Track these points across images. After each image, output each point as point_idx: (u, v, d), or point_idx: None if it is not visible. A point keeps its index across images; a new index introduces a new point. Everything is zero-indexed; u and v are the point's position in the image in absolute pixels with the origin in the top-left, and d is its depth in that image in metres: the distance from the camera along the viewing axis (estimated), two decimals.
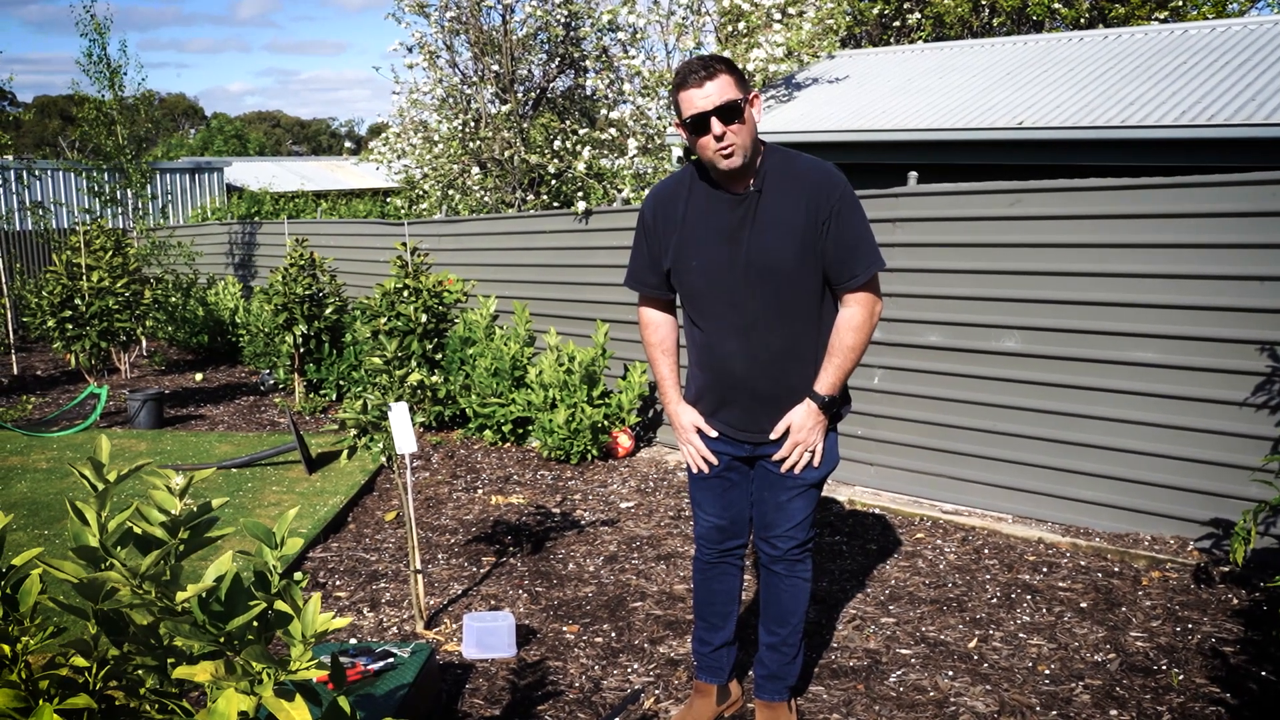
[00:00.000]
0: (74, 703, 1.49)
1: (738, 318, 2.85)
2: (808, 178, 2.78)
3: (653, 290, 3.06)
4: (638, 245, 3.05)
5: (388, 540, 5.21)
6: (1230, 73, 7.69)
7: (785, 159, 2.84)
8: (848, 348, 2.84)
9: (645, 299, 3.13)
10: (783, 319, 2.84)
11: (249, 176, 23.01)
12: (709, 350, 2.94)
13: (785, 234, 2.76)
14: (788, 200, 2.77)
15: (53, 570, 1.57)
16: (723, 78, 2.68)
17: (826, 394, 2.87)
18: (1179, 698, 3.42)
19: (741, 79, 2.76)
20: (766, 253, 2.77)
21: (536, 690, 3.58)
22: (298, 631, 1.46)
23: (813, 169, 2.81)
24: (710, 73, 2.68)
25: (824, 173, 2.80)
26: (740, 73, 2.76)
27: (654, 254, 2.99)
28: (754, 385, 2.90)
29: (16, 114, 12.98)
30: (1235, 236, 4.58)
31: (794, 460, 2.92)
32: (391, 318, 6.08)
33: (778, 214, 2.78)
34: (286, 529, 1.57)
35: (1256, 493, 4.57)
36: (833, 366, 2.86)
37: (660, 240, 2.95)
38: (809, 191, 2.76)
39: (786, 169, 2.81)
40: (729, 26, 10.57)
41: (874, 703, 3.44)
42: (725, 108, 2.66)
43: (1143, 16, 13.78)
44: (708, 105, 2.67)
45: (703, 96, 2.67)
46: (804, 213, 2.76)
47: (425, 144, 11.39)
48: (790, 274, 2.79)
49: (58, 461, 6.86)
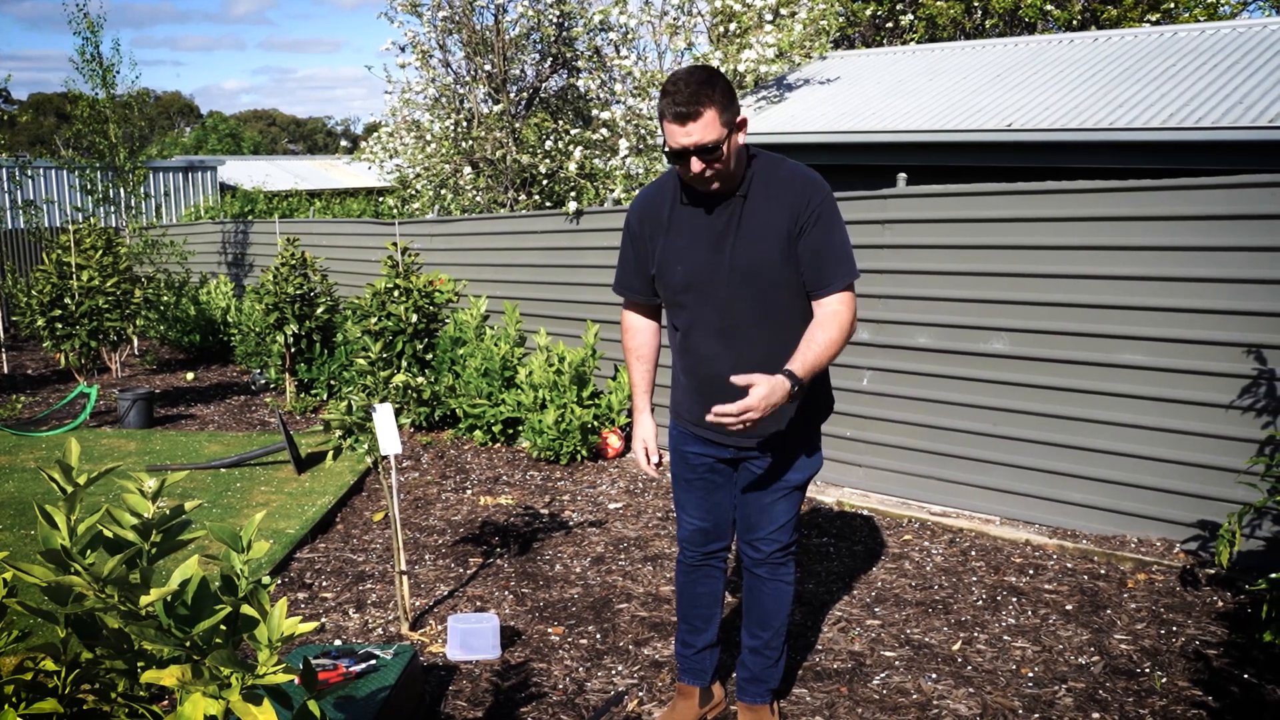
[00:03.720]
0: (40, 707, 1.49)
1: (721, 321, 2.85)
2: (791, 184, 2.77)
3: (638, 295, 3.05)
4: (624, 251, 3.04)
5: (375, 541, 5.20)
6: (1219, 75, 7.71)
7: (771, 164, 2.82)
8: (824, 341, 2.69)
9: (630, 304, 3.13)
10: (766, 323, 2.83)
11: (242, 175, 22.96)
12: (693, 354, 2.94)
13: (769, 238, 2.76)
14: (772, 205, 2.76)
15: (21, 574, 1.57)
16: (707, 115, 2.59)
17: (797, 371, 2.63)
18: (1161, 700, 3.43)
19: (728, 102, 2.65)
20: (751, 257, 2.77)
21: (520, 692, 3.57)
22: (264, 636, 1.46)
23: (796, 175, 2.79)
24: (692, 111, 2.58)
25: (806, 179, 2.78)
26: (728, 94, 2.66)
27: (640, 259, 2.98)
28: (737, 388, 2.83)
29: (12, 112, 12.93)
30: (1224, 239, 4.58)
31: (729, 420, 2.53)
32: (382, 318, 6.07)
33: (762, 219, 2.76)
34: (254, 532, 1.56)
35: (1242, 495, 4.58)
36: (810, 352, 2.67)
37: (646, 245, 2.95)
38: (792, 196, 2.75)
39: (771, 174, 2.79)
40: (721, 27, 10.56)
41: (857, 705, 3.44)
42: (706, 148, 2.62)
43: (1134, 19, 13.80)
44: (688, 143, 2.62)
45: (684, 134, 2.61)
46: (786, 217, 2.75)
47: (418, 143, 11.37)
48: (774, 278, 2.78)
49: (46, 461, 6.84)
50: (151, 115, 15.44)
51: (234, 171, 23.56)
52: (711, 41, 10.89)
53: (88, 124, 11.88)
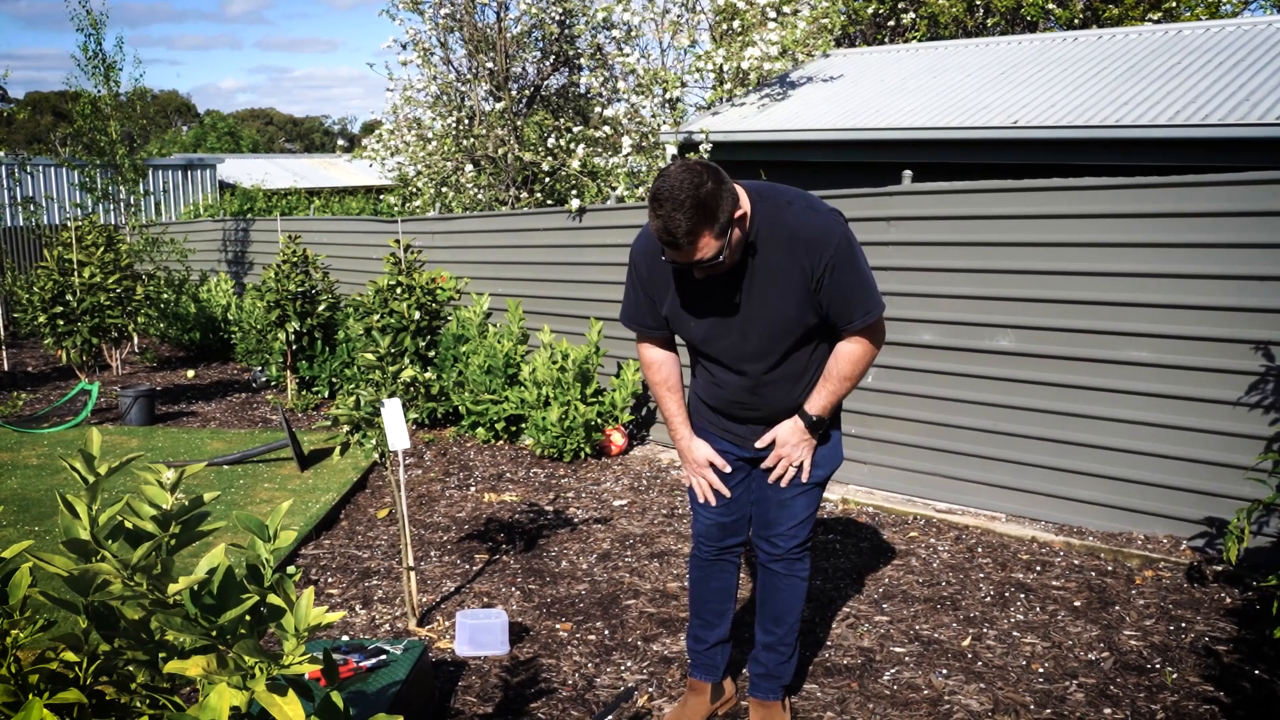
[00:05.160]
0: (64, 697, 1.48)
1: (738, 361, 2.87)
2: (800, 235, 2.67)
3: (652, 331, 3.01)
4: (633, 289, 2.97)
5: (380, 537, 5.19)
6: (1224, 73, 7.70)
7: (774, 209, 2.70)
8: (843, 376, 2.84)
9: (644, 337, 3.06)
10: (782, 359, 2.85)
11: (241, 173, 22.92)
12: (712, 381, 2.99)
13: (782, 292, 2.72)
14: (781, 258, 2.69)
15: (43, 564, 1.56)
16: (701, 243, 2.50)
17: (815, 414, 2.89)
18: (1173, 696, 3.42)
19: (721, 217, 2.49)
20: (765, 310, 2.75)
21: (529, 688, 3.56)
22: (290, 625, 1.45)
23: (804, 224, 2.68)
24: (684, 246, 2.51)
25: (815, 232, 2.67)
26: (717, 210, 2.47)
27: (650, 300, 2.93)
28: (756, 412, 2.96)
29: (10, 110, 12.89)
30: (1230, 236, 4.58)
31: (779, 473, 2.96)
32: (385, 315, 6.06)
33: (772, 271, 2.71)
34: (280, 522, 1.55)
35: (1250, 491, 4.57)
36: (826, 391, 2.87)
37: (655, 289, 2.90)
38: (803, 249, 2.67)
39: (776, 222, 2.69)
40: (723, 25, 10.55)
41: (868, 701, 3.44)
42: (705, 262, 2.56)
43: (1136, 17, 13.81)
44: (684, 262, 2.58)
45: (679, 257, 2.57)
46: (798, 271, 2.68)
47: (419, 141, 11.35)
48: (789, 325, 2.77)
49: (48, 458, 6.83)
50: (151, 113, 15.40)
51: (233, 169, 23.52)
52: (714, 39, 10.88)
53: (89, 121, 11.85)
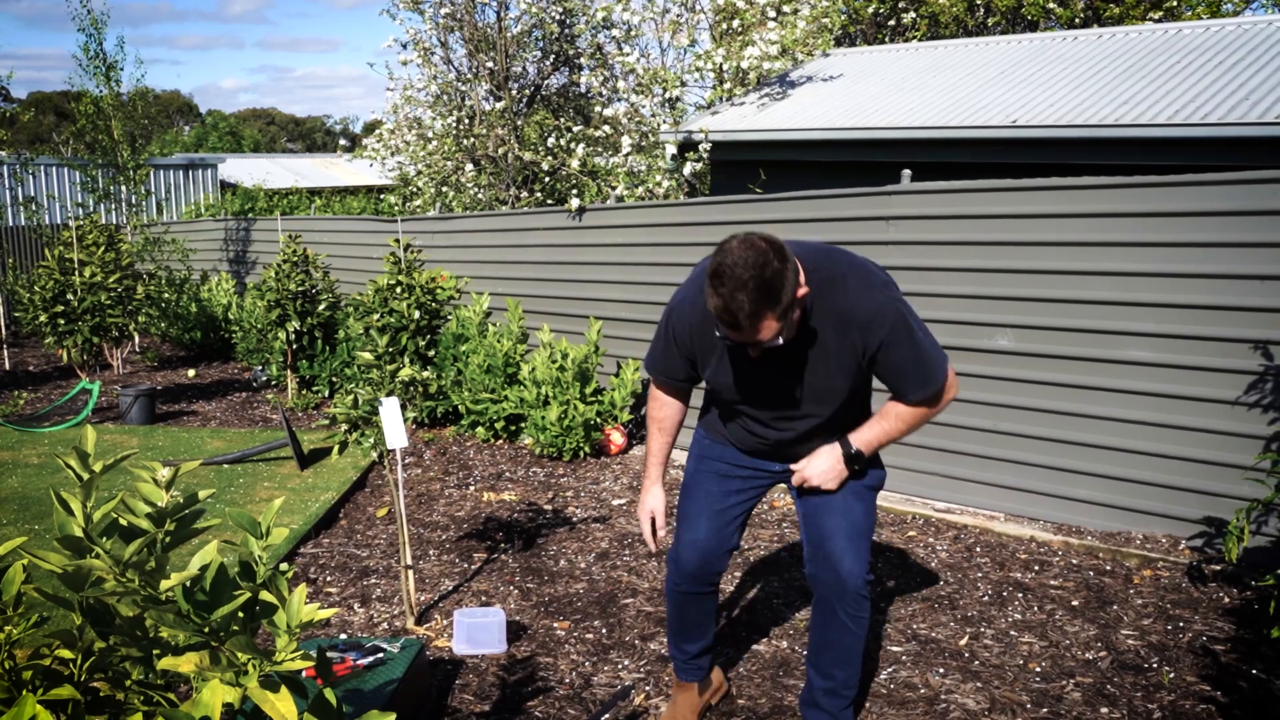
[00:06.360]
0: (58, 693, 1.48)
1: (778, 421, 2.81)
2: (854, 316, 2.58)
3: (678, 384, 2.94)
4: (665, 345, 2.86)
5: (379, 536, 5.19)
6: (1224, 72, 7.70)
7: (827, 286, 2.59)
8: (901, 419, 2.75)
9: (664, 385, 2.99)
10: (828, 420, 2.79)
11: (243, 173, 22.95)
12: (744, 428, 2.90)
13: (835, 370, 2.65)
14: (836, 337, 2.62)
15: (38, 561, 1.56)
16: (764, 325, 2.39)
17: (857, 448, 2.77)
18: (1170, 695, 3.42)
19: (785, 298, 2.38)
20: (814, 379, 2.68)
21: (527, 686, 3.57)
22: (283, 622, 1.45)
23: (858, 305, 2.58)
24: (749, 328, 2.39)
25: (869, 311, 2.58)
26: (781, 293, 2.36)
27: (688, 359, 2.83)
28: (784, 452, 2.92)
29: (13, 110, 12.91)
30: (1229, 235, 4.58)
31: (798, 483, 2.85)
32: (385, 314, 6.07)
33: (825, 345, 2.63)
34: (272, 518, 1.56)
35: (1249, 491, 4.57)
36: (879, 429, 2.77)
37: (696, 355, 2.80)
38: (856, 330, 2.59)
39: (830, 300, 2.59)
40: (723, 24, 10.56)
41: (864, 699, 3.44)
42: (764, 344, 2.46)
43: (1137, 16, 13.80)
44: (741, 341, 2.49)
45: (740, 338, 2.46)
46: (850, 348, 2.62)
47: (419, 141, 11.36)
48: (837, 394, 2.71)
49: (49, 457, 6.84)
50: (152, 113, 15.42)
51: (234, 169, 23.55)
52: (714, 39, 10.89)
53: (91, 120, 11.87)
